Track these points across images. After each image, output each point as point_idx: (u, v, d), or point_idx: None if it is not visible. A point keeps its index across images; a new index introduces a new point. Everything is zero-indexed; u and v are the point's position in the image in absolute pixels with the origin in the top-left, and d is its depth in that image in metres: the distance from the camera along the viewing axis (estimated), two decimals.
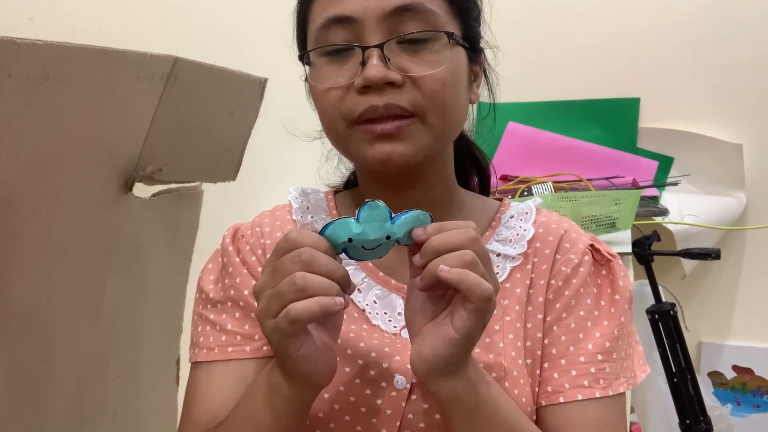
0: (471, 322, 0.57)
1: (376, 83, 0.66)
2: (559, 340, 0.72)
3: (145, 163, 0.92)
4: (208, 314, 0.77)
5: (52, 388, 0.88)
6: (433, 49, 0.68)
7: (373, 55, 0.66)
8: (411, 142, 0.68)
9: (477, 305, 0.56)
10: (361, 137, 0.68)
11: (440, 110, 0.68)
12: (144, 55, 0.81)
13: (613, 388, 0.70)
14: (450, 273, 0.56)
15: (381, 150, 0.68)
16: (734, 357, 1.81)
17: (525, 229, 0.76)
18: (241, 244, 0.78)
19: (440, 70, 0.67)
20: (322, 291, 0.55)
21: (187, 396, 0.76)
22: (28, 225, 0.79)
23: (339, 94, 0.68)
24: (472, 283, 0.56)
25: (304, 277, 0.55)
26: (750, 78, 1.72)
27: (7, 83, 0.67)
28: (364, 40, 0.67)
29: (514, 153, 1.74)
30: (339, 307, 0.55)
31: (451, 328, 0.58)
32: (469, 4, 0.74)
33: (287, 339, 0.57)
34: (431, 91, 0.67)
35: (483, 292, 0.56)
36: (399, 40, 0.67)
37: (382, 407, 0.68)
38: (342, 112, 0.69)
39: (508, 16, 0.83)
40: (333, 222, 0.59)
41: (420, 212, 0.61)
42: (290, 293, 0.55)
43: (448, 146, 0.76)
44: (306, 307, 0.55)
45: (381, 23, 0.67)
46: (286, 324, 0.55)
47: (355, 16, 0.67)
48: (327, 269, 0.57)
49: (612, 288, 0.75)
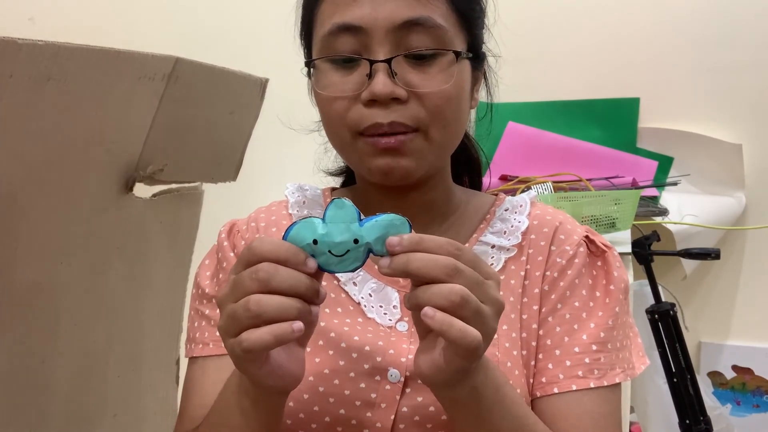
0: (458, 363, 0.54)
1: (382, 99, 0.66)
2: (553, 330, 0.72)
3: (145, 163, 0.92)
4: (203, 309, 0.77)
5: (52, 387, 0.88)
6: (440, 66, 0.68)
7: (380, 70, 0.66)
8: (413, 157, 0.69)
9: (463, 354, 0.53)
10: (364, 149, 0.69)
11: (442, 124, 0.69)
12: (145, 56, 0.81)
13: (608, 378, 0.70)
14: (434, 320, 0.51)
15: (384, 163, 0.68)
16: (734, 357, 1.81)
17: (519, 221, 0.76)
18: (237, 239, 0.79)
19: (446, 87, 0.68)
20: (278, 315, 0.52)
21: (183, 392, 0.76)
22: (29, 225, 0.79)
23: (345, 105, 0.69)
24: (456, 336, 0.51)
25: (258, 302, 0.52)
26: (750, 78, 1.72)
27: (8, 84, 0.67)
28: (371, 51, 0.67)
29: (514, 153, 1.74)
30: (296, 334, 0.52)
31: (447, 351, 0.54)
32: (476, 14, 0.74)
33: (245, 363, 0.55)
34: (435, 106, 0.68)
35: (469, 344, 0.51)
36: (406, 55, 0.68)
37: (377, 401, 0.68)
38: (347, 123, 0.69)
39: (509, 17, 0.83)
40: (298, 222, 0.54)
41: (395, 217, 0.54)
42: (245, 319, 0.52)
43: (448, 155, 0.77)
44: (259, 338, 0.52)
45: (389, 35, 0.67)
46: (240, 352, 0.53)
47: (364, 26, 0.67)
48: (288, 285, 0.53)
49: (607, 279, 0.75)
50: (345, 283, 0.75)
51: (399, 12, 0.67)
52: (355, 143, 0.70)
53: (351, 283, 0.75)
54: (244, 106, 1.06)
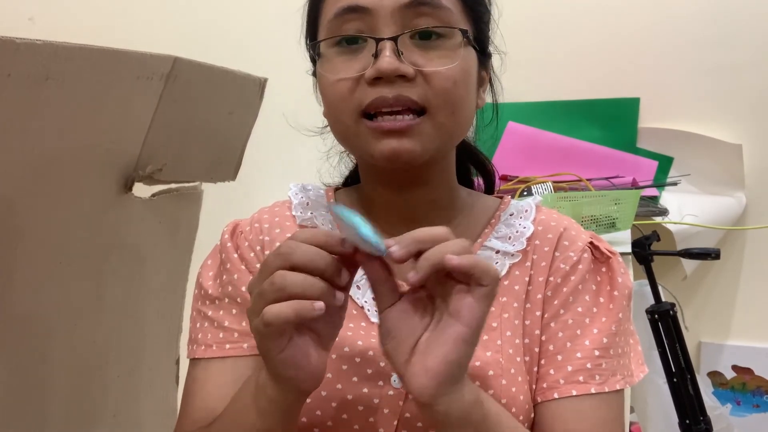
0: (481, 310, 0.54)
1: (388, 75, 0.65)
2: (556, 336, 0.72)
3: (144, 163, 0.92)
4: (206, 310, 0.77)
5: (52, 388, 0.88)
6: (446, 46, 0.68)
7: (386, 47, 0.66)
8: (419, 140, 0.67)
9: (490, 288, 0.54)
10: (368, 133, 0.68)
11: (450, 108, 0.68)
12: (144, 55, 0.81)
13: (609, 384, 0.70)
14: (462, 259, 0.53)
15: (389, 146, 0.67)
16: (734, 357, 1.81)
17: (524, 227, 0.76)
18: (240, 240, 0.78)
19: (452, 67, 0.67)
20: (301, 290, 0.53)
21: (184, 392, 0.76)
22: (28, 225, 0.79)
23: (349, 86, 0.68)
24: (486, 266, 0.54)
25: (283, 275, 0.53)
26: (750, 78, 1.72)
27: (6, 83, 0.67)
28: (377, 31, 0.67)
29: (514, 153, 1.74)
30: (317, 312, 0.52)
31: (458, 326, 0.54)
32: (481, 8, 0.74)
33: (266, 340, 0.56)
34: (442, 88, 0.67)
35: (496, 273, 0.54)
36: (412, 35, 0.67)
37: (380, 406, 0.68)
38: (350, 105, 0.68)
39: (509, 16, 0.83)
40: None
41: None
42: (270, 293, 0.53)
43: (453, 148, 0.76)
44: (279, 310, 0.53)
45: (395, 15, 0.67)
46: (262, 326, 0.54)
47: (370, 6, 0.67)
48: (307, 258, 0.54)
49: (611, 285, 0.74)
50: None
51: None
52: (358, 128, 0.68)
53: (354, 286, 0.74)
54: (244, 105, 1.06)
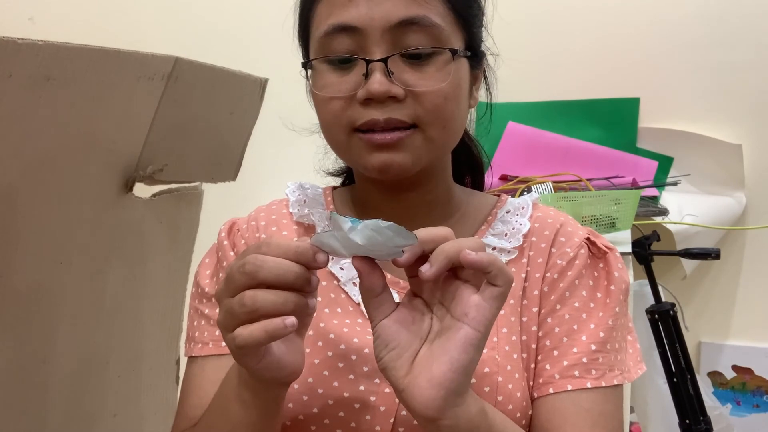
0: (491, 311, 0.53)
1: (378, 97, 0.66)
2: (552, 331, 0.72)
3: (145, 163, 0.92)
4: (203, 308, 0.77)
5: (52, 388, 0.88)
6: (437, 64, 0.68)
7: (376, 69, 0.66)
8: (410, 153, 0.68)
9: (502, 289, 0.54)
10: (360, 146, 0.69)
11: (440, 123, 0.69)
12: (145, 56, 0.81)
13: (606, 379, 0.70)
14: (480, 256, 0.52)
15: (380, 159, 0.68)
16: (734, 357, 1.81)
17: (521, 224, 0.76)
18: (237, 238, 0.79)
19: (443, 86, 0.68)
20: (272, 308, 0.52)
21: (182, 390, 0.76)
22: (28, 225, 0.79)
23: (341, 105, 0.69)
24: (502, 265, 0.53)
25: (253, 297, 0.53)
26: (749, 78, 1.72)
27: (7, 83, 0.67)
28: (368, 51, 0.67)
29: (514, 153, 1.74)
30: (289, 330, 0.52)
31: (466, 329, 0.53)
32: (474, 12, 0.73)
33: (243, 358, 0.56)
34: (433, 105, 0.68)
35: (510, 274, 0.54)
36: (403, 54, 0.67)
37: (376, 404, 0.68)
38: (343, 122, 0.69)
39: (508, 16, 0.83)
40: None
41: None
42: (241, 314, 0.53)
43: (447, 154, 0.77)
44: (251, 333, 0.52)
45: (386, 35, 0.67)
46: (234, 347, 0.54)
47: (360, 26, 0.67)
48: (275, 275, 0.53)
49: (608, 279, 0.74)
50: (345, 284, 0.74)
51: (395, 11, 0.66)
52: (351, 141, 0.69)
53: (351, 283, 0.74)
54: (244, 106, 1.06)
